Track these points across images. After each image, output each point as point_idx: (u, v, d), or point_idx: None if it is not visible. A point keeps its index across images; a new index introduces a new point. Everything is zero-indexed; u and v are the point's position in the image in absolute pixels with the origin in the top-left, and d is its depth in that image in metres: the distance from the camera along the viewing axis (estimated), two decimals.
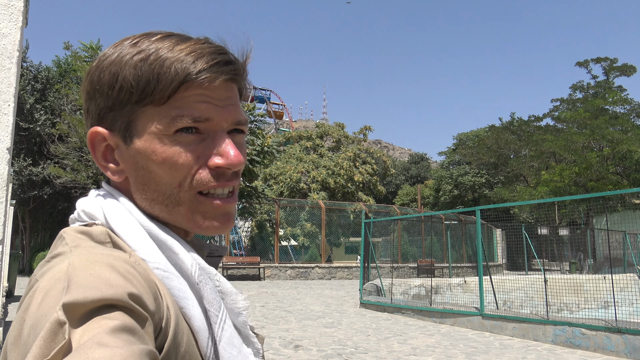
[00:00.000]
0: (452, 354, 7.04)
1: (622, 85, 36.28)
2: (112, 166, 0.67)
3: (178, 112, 0.62)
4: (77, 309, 0.47)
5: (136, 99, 0.63)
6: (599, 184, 28.31)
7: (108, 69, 0.64)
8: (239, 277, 21.19)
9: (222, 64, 0.64)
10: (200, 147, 0.64)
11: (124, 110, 0.64)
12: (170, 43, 0.64)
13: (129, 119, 0.64)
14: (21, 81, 23.46)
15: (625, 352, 7.06)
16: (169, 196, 0.65)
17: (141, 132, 0.64)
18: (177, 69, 0.62)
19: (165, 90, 0.62)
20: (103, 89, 0.64)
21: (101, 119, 0.66)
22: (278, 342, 7.58)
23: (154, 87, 0.62)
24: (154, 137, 0.63)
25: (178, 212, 0.65)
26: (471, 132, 49.44)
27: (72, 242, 0.59)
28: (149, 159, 0.64)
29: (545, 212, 29.17)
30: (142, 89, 0.62)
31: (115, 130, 0.65)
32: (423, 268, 24.04)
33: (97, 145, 0.67)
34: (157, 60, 0.62)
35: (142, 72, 0.62)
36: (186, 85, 0.62)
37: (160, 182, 0.64)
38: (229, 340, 0.62)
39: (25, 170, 22.74)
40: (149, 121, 0.63)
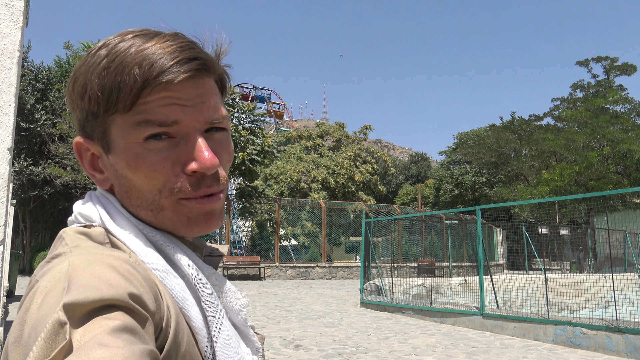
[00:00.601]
0: (452, 353, 7.04)
1: (623, 84, 36.31)
2: (98, 175, 0.67)
3: (142, 117, 0.60)
4: (77, 309, 0.47)
5: (103, 109, 0.61)
6: (599, 183, 28.29)
7: (79, 79, 0.63)
8: (240, 277, 21.19)
9: (184, 61, 0.61)
10: (174, 152, 0.62)
11: (97, 120, 0.63)
12: (135, 44, 0.61)
13: (102, 128, 0.63)
14: (22, 81, 23.48)
15: (626, 351, 7.06)
16: (151, 202, 0.64)
17: (115, 141, 0.63)
18: (135, 74, 0.59)
19: (127, 97, 0.59)
20: (76, 100, 0.64)
21: (83, 129, 0.66)
22: (279, 341, 7.58)
23: (117, 95, 0.60)
24: (126, 147, 0.62)
25: (163, 216, 0.64)
26: (472, 132, 49.42)
27: (72, 243, 0.59)
28: (125, 168, 0.63)
29: (546, 211, 29.15)
30: (107, 99, 0.60)
31: (95, 139, 0.65)
32: (423, 267, 24.03)
33: (83, 154, 0.67)
34: (119, 67, 0.60)
35: (106, 81, 0.60)
36: (148, 90, 0.60)
37: (141, 189, 0.63)
38: (226, 341, 0.62)
39: (25, 170, 22.77)
40: (119, 130, 0.62)
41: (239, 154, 22.04)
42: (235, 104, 24.23)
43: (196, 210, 0.64)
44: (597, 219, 26.84)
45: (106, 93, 0.60)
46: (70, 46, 23.99)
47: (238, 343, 0.65)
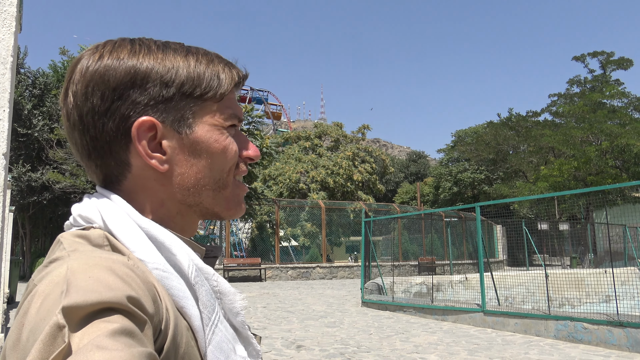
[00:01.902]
0: (454, 350, 7.04)
1: (619, 78, 36.20)
2: (160, 156, 0.67)
3: (231, 110, 0.72)
4: (76, 312, 0.47)
5: (199, 93, 0.68)
6: (598, 177, 28.31)
7: (158, 62, 0.67)
8: (240, 279, 21.18)
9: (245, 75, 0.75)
10: (237, 140, 0.73)
11: (182, 102, 0.68)
12: (203, 50, 0.73)
13: (185, 110, 0.68)
14: (19, 87, 23.45)
15: (627, 345, 7.07)
16: (218, 180, 0.71)
17: (201, 123, 0.69)
18: (232, 72, 0.72)
19: (226, 88, 0.70)
20: (158, 80, 0.66)
21: (146, 109, 0.65)
22: (280, 342, 7.58)
23: (217, 85, 0.69)
24: (214, 128, 0.70)
25: (222, 195, 0.72)
26: (469, 129, 49.46)
27: (70, 247, 0.59)
28: (210, 146, 0.69)
29: (545, 207, 29.21)
30: (206, 86, 0.69)
31: (167, 120, 0.67)
32: (424, 266, 24.04)
33: (142, 135, 0.66)
34: (211, 62, 0.71)
35: (202, 72, 0.69)
36: (234, 88, 0.72)
37: (215, 167, 0.70)
38: (218, 344, 0.62)
39: (24, 176, 22.72)
40: (209, 114, 0.70)
41: None
42: None
43: (243, 191, 0.75)
44: (596, 214, 26.88)
45: (205, 81, 0.69)
46: (65, 52, 23.97)
47: (232, 347, 0.64)
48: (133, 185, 0.68)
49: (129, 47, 0.67)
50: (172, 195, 0.69)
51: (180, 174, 0.68)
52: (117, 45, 0.68)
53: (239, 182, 0.74)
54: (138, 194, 0.68)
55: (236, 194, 0.74)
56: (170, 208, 0.69)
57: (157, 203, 0.69)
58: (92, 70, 0.66)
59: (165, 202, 0.69)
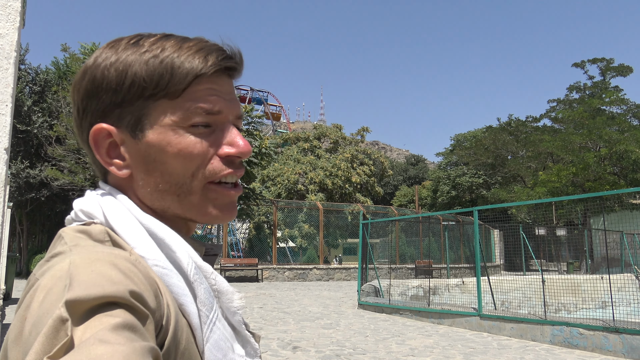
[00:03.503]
0: (450, 354, 7.04)
1: (619, 85, 36.37)
2: (118, 162, 0.67)
3: (192, 104, 0.65)
4: (79, 306, 0.47)
5: (149, 93, 0.65)
6: (596, 184, 28.34)
7: (113, 66, 0.65)
8: (237, 279, 21.17)
9: (228, 58, 0.68)
10: (211, 138, 0.67)
11: (134, 105, 0.65)
12: (174, 42, 0.67)
13: (139, 113, 0.66)
14: (19, 83, 23.44)
15: (623, 351, 7.07)
16: (181, 186, 0.66)
17: (153, 125, 0.65)
18: (191, 63, 0.65)
19: (181, 83, 0.64)
20: (110, 85, 0.65)
21: (105, 116, 0.67)
22: (276, 343, 7.58)
23: (168, 81, 0.64)
24: (168, 129, 0.65)
25: (190, 201, 0.67)
26: (468, 133, 49.52)
27: (72, 241, 0.59)
28: (163, 150, 0.65)
29: (543, 212, 29.20)
30: (156, 84, 0.64)
31: (122, 125, 0.66)
32: (421, 269, 24.05)
33: (100, 141, 0.67)
34: (169, 57, 0.65)
35: (155, 68, 0.64)
36: (198, 80, 0.65)
37: (174, 172, 0.66)
38: (216, 342, 0.62)
39: (22, 172, 22.70)
40: (163, 114, 0.65)
41: None
42: None
43: (224, 196, 0.69)
44: (593, 220, 26.89)
45: (155, 79, 0.64)
46: (67, 48, 23.96)
47: (231, 345, 0.64)
48: (116, 187, 0.70)
49: (101, 50, 0.69)
50: (143, 200, 0.68)
51: (141, 179, 0.67)
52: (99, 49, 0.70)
53: (216, 186, 0.68)
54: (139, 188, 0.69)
55: (210, 199, 0.68)
56: (150, 211, 0.68)
57: (138, 205, 0.68)
58: (74, 80, 0.70)
59: (141, 205, 0.68)
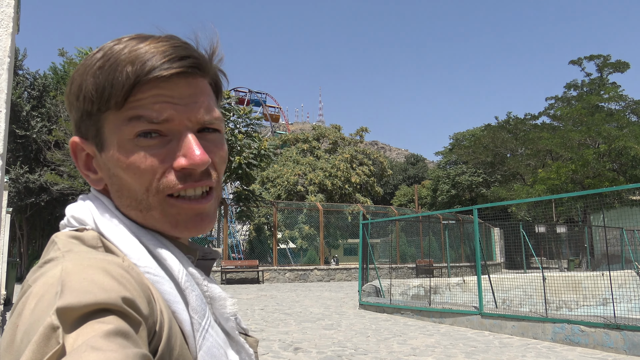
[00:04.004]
0: (451, 353, 7.04)
1: (616, 82, 36.40)
2: (92, 175, 0.68)
3: (133, 113, 0.61)
4: (70, 314, 0.47)
5: (97, 107, 0.63)
6: (595, 181, 28.35)
7: (76, 80, 0.65)
8: (238, 281, 21.15)
9: (176, 59, 0.62)
10: (164, 150, 0.63)
11: (91, 119, 0.64)
12: (129, 45, 0.63)
13: (96, 127, 0.64)
14: (18, 89, 23.42)
15: (624, 348, 7.07)
16: (140, 202, 0.64)
17: (108, 139, 0.64)
18: (128, 71, 0.60)
19: (119, 94, 0.61)
20: (72, 100, 0.65)
21: (78, 129, 0.67)
22: (278, 344, 7.57)
23: (109, 93, 0.61)
24: (118, 144, 0.62)
25: (152, 216, 0.64)
26: (467, 132, 49.52)
27: (65, 247, 0.59)
28: (116, 166, 0.63)
29: (543, 210, 29.21)
30: (100, 96, 0.62)
31: (90, 139, 0.66)
32: (422, 268, 24.04)
33: (78, 154, 0.68)
34: (112, 65, 0.61)
35: (100, 80, 0.61)
36: (139, 87, 0.61)
37: (130, 188, 0.63)
38: (209, 349, 0.61)
39: (22, 177, 22.69)
40: (112, 128, 0.63)
41: (235, 158, 22.03)
42: (231, 107, 24.23)
43: (185, 210, 0.64)
44: (593, 217, 26.89)
45: (99, 91, 0.61)
46: (64, 53, 23.96)
47: (224, 352, 0.64)
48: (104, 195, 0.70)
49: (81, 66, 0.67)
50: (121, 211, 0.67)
51: (111, 192, 0.67)
52: None
53: (175, 201, 0.63)
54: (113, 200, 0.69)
55: (170, 214, 0.64)
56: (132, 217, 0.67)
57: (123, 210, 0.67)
58: None
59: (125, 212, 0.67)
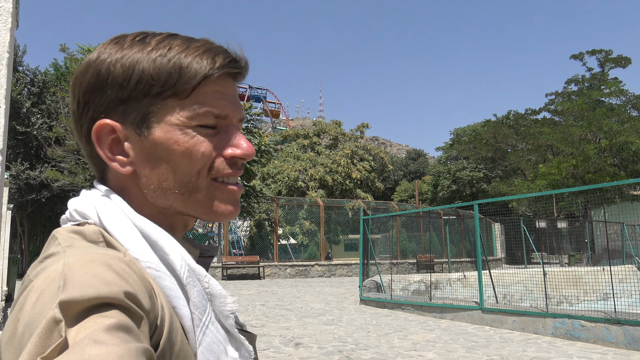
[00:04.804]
0: (452, 348, 7.05)
1: (618, 77, 36.34)
2: (122, 158, 0.67)
3: (201, 107, 0.66)
4: (73, 307, 0.47)
5: (157, 91, 0.65)
6: (596, 176, 28.34)
7: (119, 62, 0.65)
8: (239, 277, 21.19)
9: (235, 61, 0.68)
10: (215, 139, 0.68)
11: (141, 102, 0.65)
12: (181, 41, 0.67)
13: (145, 110, 0.65)
14: (17, 85, 23.40)
15: (625, 343, 7.08)
16: (186, 184, 0.67)
17: (160, 123, 0.66)
18: (199, 64, 0.65)
19: (189, 83, 0.64)
20: (115, 81, 0.65)
21: (108, 111, 0.66)
22: (279, 340, 7.59)
23: (176, 80, 0.64)
24: (176, 128, 0.65)
25: (194, 199, 0.68)
26: (468, 127, 49.49)
27: (65, 242, 0.59)
28: (170, 148, 0.65)
29: (544, 205, 29.23)
30: (164, 82, 0.64)
31: (127, 122, 0.66)
32: (422, 264, 24.06)
33: (103, 137, 0.67)
34: (177, 56, 0.65)
35: (162, 66, 0.64)
36: (206, 81, 0.65)
37: (179, 171, 0.66)
38: (209, 345, 0.61)
39: (22, 174, 22.70)
40: (170, 113, 0.65)
41: None
42: None
43: (227, 194, 0.69)
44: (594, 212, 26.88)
45: (163, 77, 0.64)
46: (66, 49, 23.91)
47: (224, 348, 0.64)
48: (116, 184, 0.69)
49: (105, 45, 0.68)
50: (145, 197, 0.68)
51: (145, 176, 0.67)
52: (102, 45, 0.69)
53: (220, 184, 0.69)
54: (120, 193, 0.68)
55: (216, 197, 0.69)
56: (151, 208, 0.69)
57: (138, 202, 0.68)
58: (75, 74, 0.69)
59: (144, 202, 0.68)
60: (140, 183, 0.67)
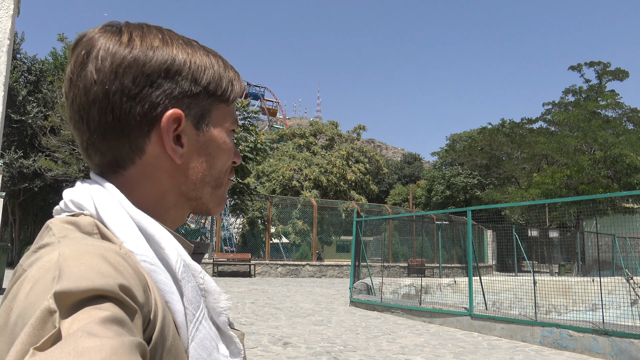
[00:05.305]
0: (440, 353, 7.07)
1: (615, 89, 36.47)
2: (180, 148, 0.69)
3: (233, 116, 0.76)
4: (67, 298, 0.47)
5: (219, 94, 0.72)
6: (590, 187, 28.46)
7: (191, 58, 0.69)
8: (230, 274, 21.16)
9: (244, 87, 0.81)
10: None
11: (206, 100, 0.71)
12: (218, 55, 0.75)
13: (206, 108, 0.71)
14: (14, 73, 23.27)
15: (611, 354, 7.12)
16: (217, 179, 0.75)
17: (215, 123, 0.73)
18: (239, 82, 0.76)
19: (237, 95, 0.75)
20: (190, 75, 0.68)
21: (175, 102, 0.67)
22: (267, 338, 7.58)
23: (230, 91, 0.73)
24: (224, 130, 0.74)
25: (217, 193, 0.76)
26: (464, 133, 49.61)
27: (60, 233, 0.58)
28: (219, 146, 0.73)
29: (536, 214, 29.33)
30: (223, 89, 0.72)
31: (190, 115, 0.69)
32: (413, 268, 24.11)
33: (169, 126, 0.67)
34: (227, 68, 0.74)
35: (223, 75, 0.72)
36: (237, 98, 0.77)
37: (217, 167, 0.74)
38: (201, 341, 0.62)
39: (16, 162, 22.57)
40: (221, 116, 0.73)
41: None
42: None
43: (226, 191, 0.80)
44: (586, 223, 27.03)
45: (223, 85, 0.72)
46: (64, 38, 23.84)
47: (215, 345, 0.64)
48: (140, 172, 0.68)
49: (160, 36, 0.68)
50: (177, 187, 0.71)
51: (192, 168, 0.71)
52: (147, 32, 0.68)
53: (229, 182, 0.79)
54: (143, 181, 0.68)
55: (225, 193, 0.79)
56: (170, 199, 0.71)
57: (160, 193, 0.70)
58: (124, 53, 0.65)
59: (168, 193, 0.70)
60: (182, 174, 0.70)
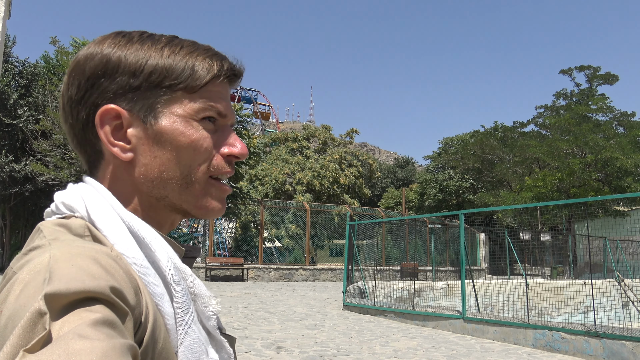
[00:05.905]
0: (433, 356, 7.08)
1: (605, 93, 36.70)
2: (123, 144, 0.68)
3: (207, 102, 0.69)
4: (58, 300, 0.46)
5: (168, 83, 0.68)
6: (581, 190, 28.63)
7: (132, 53, 0.68)
8: (222, 278, 21.08)
9: (236, 68, 0.74)
10: (215, 136, 0.71)
11: (151, 91, 0.68)
12: (189, 43, 0.71)
13: (154, 100, 0.68)
14: (5, 76, 23.13)
15: (603, 356, 7.16)
16: (185, 176, 0.69)
17: (167, 113, 0.68)
18: (210, 65, 0.70)
19: (200, 80, 0.68)
20: (127, 69, 0.67)
21: (115, 98, 0.67)
22: (260, 343, 7.56)
23: (189, 76, 0.68)
24: (182, 120, 0.68)
25: (191, 192, 0.70)
26: (456, 137, 49.80)
27: (51, 235, 0.58)
28: (175, 139, 0.68)
29: (528, 217, 29.42)
30: (177, 76, 0.68)
31: (134, 109, 0.67)
32: (406, 271, 24.10)
33: (107, 122, 0.67)
34: (189, 54, 0.69)
35: (175, 62, 0.68)
36: (213, 81, 0.70)
37: (181, 162, 0.68)
38: (190, 345, 0.61)
39: (6, 166, 22.40)
40: (178, 104, 0.68)
41: None
42: None
43: (220, 191, 0.72)
44: (577, 226, 27.17)
45: (176, 72, 0.68)
46: (56, 42, 23.71)
47: (205, 349, 0.64)
48: (107, 174, 0.70)
49: (112, 37, 0.70)
50: (140, 187, 0.69)
51: (144, 165, 0.68)
52: (105, 37, 0.71)
53: (215, 181, 0.71)
54: (112, 183, 0.69)
55: (210, 193, 0.71)
56: (142, 200, 0.70)
57: (129, 193, 0.69)
58: (75, 60, 0.70)
59: (136, 193, 0.69)
60: (137, 172, 0.68)
